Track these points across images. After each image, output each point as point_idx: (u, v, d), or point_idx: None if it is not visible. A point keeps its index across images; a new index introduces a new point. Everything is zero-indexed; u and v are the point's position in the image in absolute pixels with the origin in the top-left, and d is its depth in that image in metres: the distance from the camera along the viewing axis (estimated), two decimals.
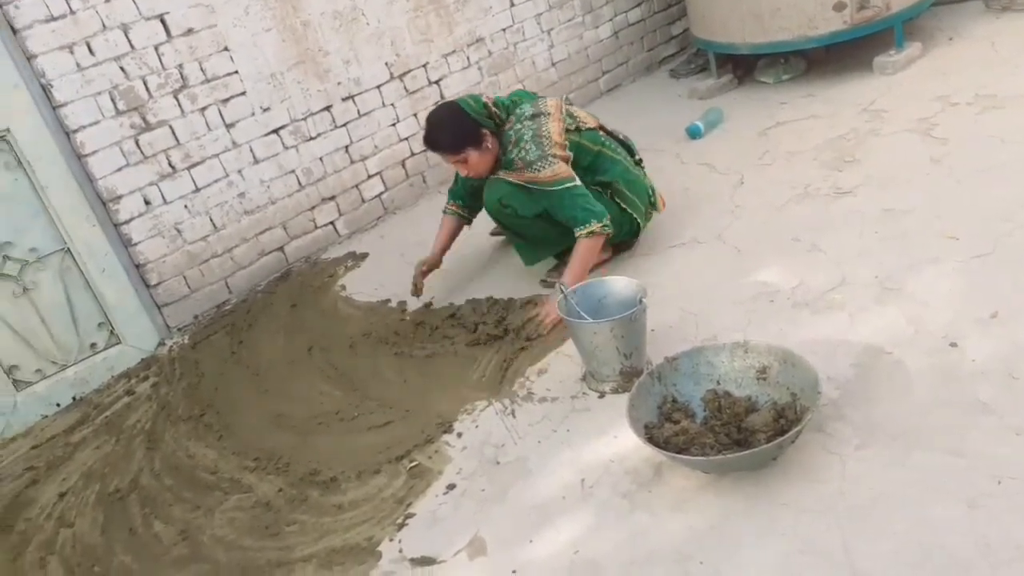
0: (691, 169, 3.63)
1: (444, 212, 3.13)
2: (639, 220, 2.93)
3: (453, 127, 2.73)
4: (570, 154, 2.77)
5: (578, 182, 2.73)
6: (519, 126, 2.75)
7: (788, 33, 4.03)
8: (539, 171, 2.70)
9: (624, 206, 2.88)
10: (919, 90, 3.70)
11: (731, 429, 1.99)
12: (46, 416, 3.05)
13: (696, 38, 4.56)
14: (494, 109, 2.80)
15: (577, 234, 2.72)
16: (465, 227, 3.16)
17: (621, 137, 3.03)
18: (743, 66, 4.52)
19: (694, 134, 3.92)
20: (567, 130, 2.79)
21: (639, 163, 3.02)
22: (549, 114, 2.78)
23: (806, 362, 1.98)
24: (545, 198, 2.75)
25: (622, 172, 2.89)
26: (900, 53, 4.00)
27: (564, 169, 2.71)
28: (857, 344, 2.22)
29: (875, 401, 2.02)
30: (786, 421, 1.94)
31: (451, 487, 2.19)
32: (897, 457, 1.84)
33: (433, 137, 2.77)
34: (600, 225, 2.70)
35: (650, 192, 2.99)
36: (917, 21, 4.33)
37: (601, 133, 2.93)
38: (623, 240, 3.00)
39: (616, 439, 2.15)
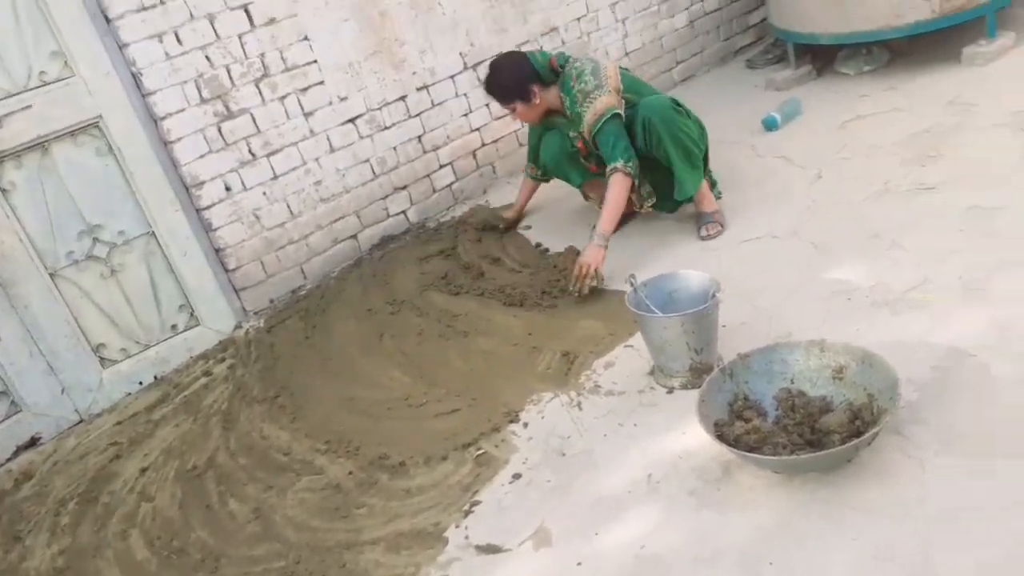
0: (767, 162, 3.56)
1: (524, 172, 3.59)
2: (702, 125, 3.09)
3: (510, 75, 3.03)
4: (621, 87, 3.00)
5: (620, 112, 2.94)
6: (579, 64, 3.02)
7: (872, 22, 3.89)
8: (595, 100, 2.93)
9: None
10: (1013, 82, 3.54)
11: (804, 429, 1.95)
12: (129, 393, 3.18)
13: (774, 27, 4.45)
14: (555, 63, 3.07)
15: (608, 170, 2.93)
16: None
17: None
18: (822, 57, 4.39)
19: (770, 126, 3.84)
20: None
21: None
22: (606, 65, 3.06)
23: (885, 363, 1.92)
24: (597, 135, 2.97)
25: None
26: (992, 43, 3.83)
27: (616, 100, 2.94)
28: (939, 347, 2.15)
29: (957, 406, 1.95)
30: (862, 423, 1.89)
31: (517, 476, 2.20)
32: (981, 465, 1.78)
33: (489, 84, 3.11)
34: (623, 163, 2.90)
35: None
36: (1011, 9, 4.14)
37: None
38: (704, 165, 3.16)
39: (684, 435, 2.13)
